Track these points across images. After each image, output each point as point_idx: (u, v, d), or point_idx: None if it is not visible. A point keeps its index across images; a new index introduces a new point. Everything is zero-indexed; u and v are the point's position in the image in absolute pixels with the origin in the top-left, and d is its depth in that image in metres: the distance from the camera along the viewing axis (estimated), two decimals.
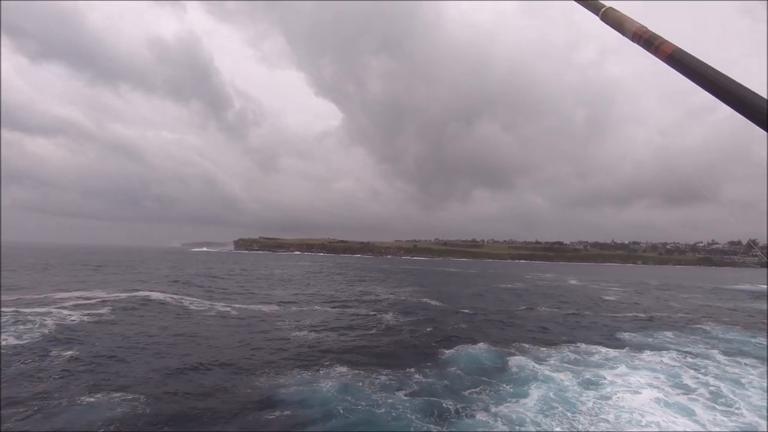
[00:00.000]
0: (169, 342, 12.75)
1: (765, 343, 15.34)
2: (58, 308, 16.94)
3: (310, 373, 10.06)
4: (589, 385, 9.75)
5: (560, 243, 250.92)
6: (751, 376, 10.75)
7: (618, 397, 8.82)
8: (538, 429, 7.37)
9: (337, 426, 7.38)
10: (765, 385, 10.03)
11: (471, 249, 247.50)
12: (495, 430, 7.33)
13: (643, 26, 1.09)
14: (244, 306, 20.56)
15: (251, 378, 9.77)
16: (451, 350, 12.45)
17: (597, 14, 1.26)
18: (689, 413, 8.17)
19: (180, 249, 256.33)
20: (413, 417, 7.70)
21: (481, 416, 7.82)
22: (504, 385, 9.56)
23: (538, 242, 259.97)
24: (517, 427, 7.39)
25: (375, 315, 19.17)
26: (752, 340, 15.90)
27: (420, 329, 15.95)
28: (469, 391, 9.14)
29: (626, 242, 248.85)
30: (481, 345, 13.14)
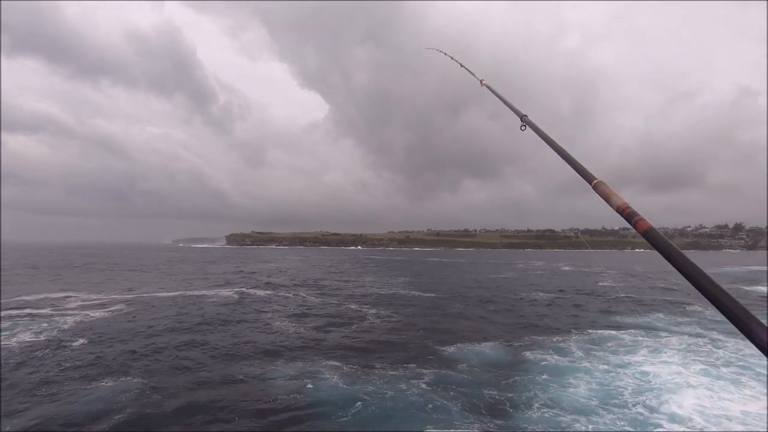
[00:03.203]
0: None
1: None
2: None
3: (311, 365, 10.14)
4: (624, 371, 9.74)
5: (551, 230, 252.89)
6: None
7: (662, 382, 8.93)
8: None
9: (373, 415, 7.44)
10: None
11: (463, 239, 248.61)
12: (560, 417, 7.30)
13: (626, 203, 1.25)
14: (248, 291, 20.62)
15: (252, 370, 9.83)
16: (453, 346, 12.13)
17: (590, 184, 1.45)
18: (731, 388, 8.60)
19: (172, 246, 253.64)
20: (456, 409, 7.67)
21: (535, 407, 7.76)
22: (537, 376, 9.37)
23: (529, 230, 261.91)
24: (579, 417, 7.35)
25: (366, 308, 19.22)
26: None
27: (414, 322, 15.90)
28: (505, 382, 9.03)
29: (616, 228, 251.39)
30: (486, 339, 12.98)
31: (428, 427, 6.96)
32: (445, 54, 4.85)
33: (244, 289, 24.52)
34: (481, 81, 3.71)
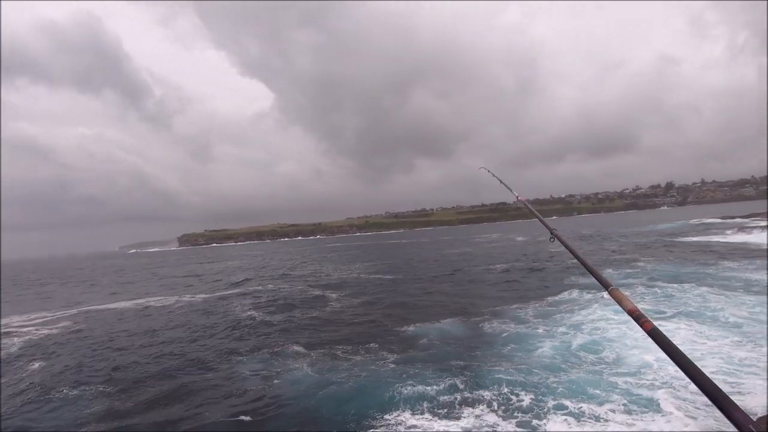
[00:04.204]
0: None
1: (693, 271, 17.21)
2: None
3: (278, 355, 10.10)
4: (582, 328, 10.31)
5: (504, 203, 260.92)
6: (701, 298, 12.35)
7: (617, 335, 9.55)
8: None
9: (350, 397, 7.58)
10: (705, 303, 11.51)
11: (421, 218, 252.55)
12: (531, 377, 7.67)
13: (635, 306, 1.47)
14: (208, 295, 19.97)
15: (219, 363, 9.75)
16: (413, 325, 12.30)
17: (606, 290, 1.67)
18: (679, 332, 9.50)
19: (120, 253, 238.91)
20: (428, 373, 8.07)
21: (504, 371, 8.08)
22: (500, 347, 9.65)
23: (483, 205, 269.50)
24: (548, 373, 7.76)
25: (328, 293, 19.30)
26: (683, 270, 17.83)
27: (374, 304, 16.12)
28: (471, 354, 9.32)
29: (563, 196, 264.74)
30: (446, 315, 13.16)
31: (403, 397, 7.28)
32: (488, 171, 5.92)
33: (204, 294, 23.75)
34: (517, 197, 4.31)
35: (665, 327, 9.75)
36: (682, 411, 6.08)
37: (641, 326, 1.36)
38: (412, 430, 6.31)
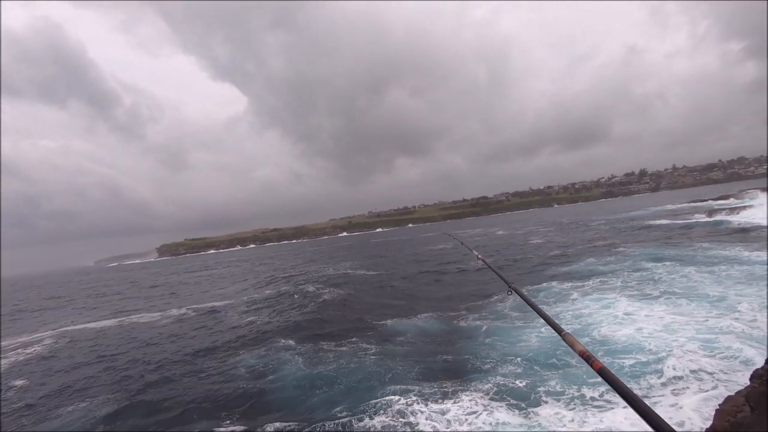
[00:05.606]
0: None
1: (673, 253, 17.80)
2: None
3: (270, 353, 10.18)
4: (565, 315, 10.52)
5: (485, 197, 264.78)
6: (682, 276, 12.86)
7: (599, 319, 9.85)
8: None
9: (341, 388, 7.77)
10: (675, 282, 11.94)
11: (404, 216, 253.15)
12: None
13: (584, 349, 1.56)
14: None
15: (213, 362, 9.83)
16: (392, 320, 12.50)
17: (560, 334, 1.75)
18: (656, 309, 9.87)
19: (97, 267, 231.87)
20: (407, 373, 8.15)
21: (491, 362, 8.24)
22: (483, 338, 9.85)
23: (465, 200, 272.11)
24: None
25: (313, 292, 19.39)
26: (662, 251, 18.43)
27: (353, 303, 16.31)
28: (455, 347, 9.54)
29: (542, 187, 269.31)
30: (423, 312, 13.32)
31: (391, 386, 7.47)
32: (449, 235, 6.14)
33: (194, 304, 23.35)
34: (477, 255, 4.71)
35: (652, 307, 10.14)
36: (681, 388, 6.33)
37: (591, 366, 1.47)
38: (404, 413, 6.45)
